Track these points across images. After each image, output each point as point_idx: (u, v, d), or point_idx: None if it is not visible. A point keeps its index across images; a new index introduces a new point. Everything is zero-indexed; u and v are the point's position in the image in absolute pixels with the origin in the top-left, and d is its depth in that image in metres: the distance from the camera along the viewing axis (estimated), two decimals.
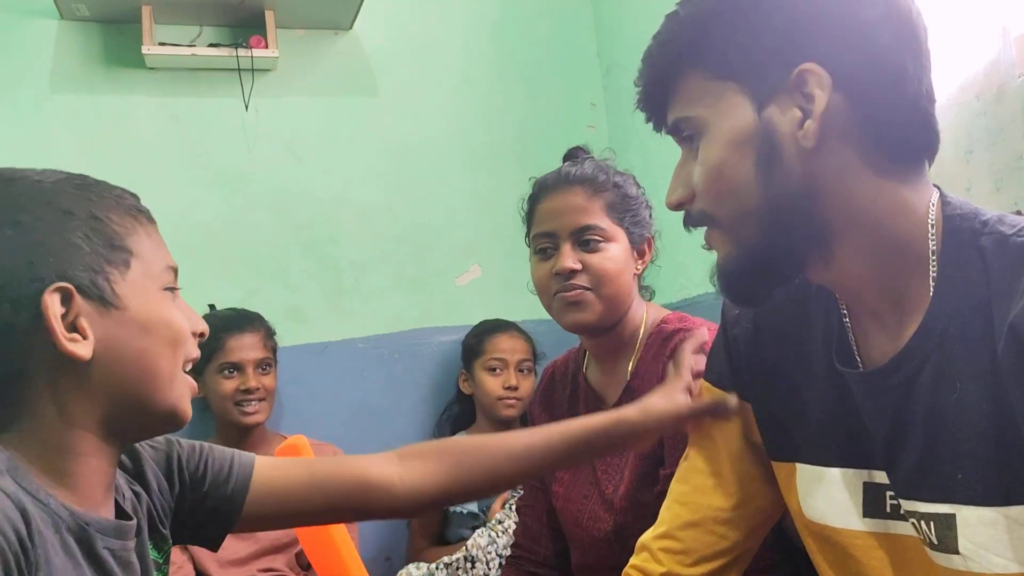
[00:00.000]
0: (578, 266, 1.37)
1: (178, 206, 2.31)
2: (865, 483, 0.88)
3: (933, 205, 0.81)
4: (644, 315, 1.45)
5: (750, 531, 1.04)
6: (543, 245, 1.43)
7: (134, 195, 0.92)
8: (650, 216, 1.48)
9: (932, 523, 0.79)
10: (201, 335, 0.91)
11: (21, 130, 2.23)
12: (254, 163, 2.41)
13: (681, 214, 0.93)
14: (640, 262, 1.45)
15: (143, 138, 2.33)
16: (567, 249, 1.38)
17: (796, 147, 0.79)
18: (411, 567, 1.88)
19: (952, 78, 1.43)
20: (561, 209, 1.40)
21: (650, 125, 0.95)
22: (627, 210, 1.41)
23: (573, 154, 1.52)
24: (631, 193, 1.43)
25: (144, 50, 2.25)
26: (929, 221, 0.80)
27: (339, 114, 2.52)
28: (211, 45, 2.36)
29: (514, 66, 2.71)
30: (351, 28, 2.54)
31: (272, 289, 2.37)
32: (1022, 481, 0.73)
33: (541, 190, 1.45)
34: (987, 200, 1.37)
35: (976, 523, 0.75)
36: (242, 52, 2.34)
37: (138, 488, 0.92)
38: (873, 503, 0.88)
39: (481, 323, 2.37)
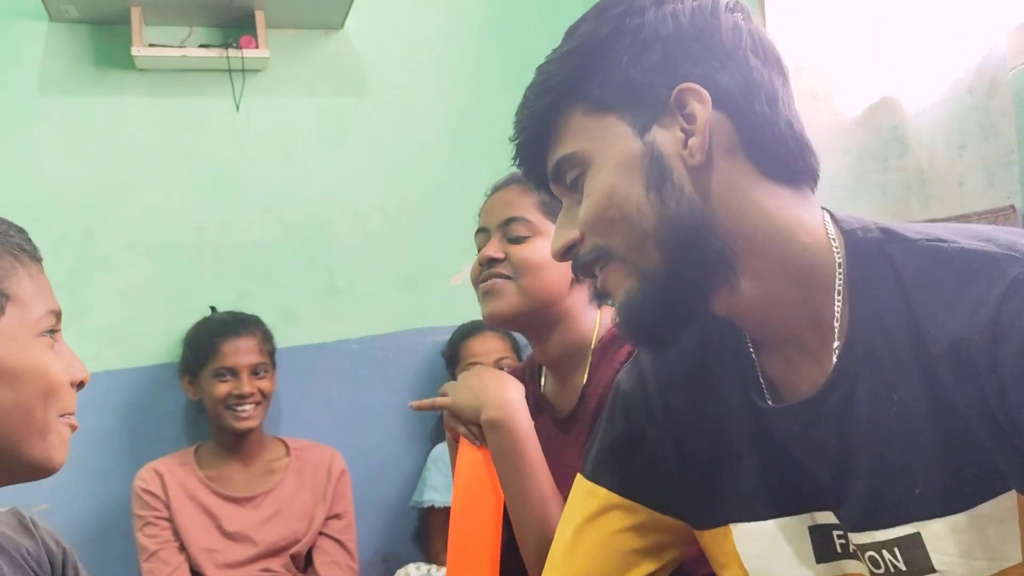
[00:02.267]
0: (499, 255, 1.33)
1: (169, 207, 2.31)
2: (810, 527, 0.85)
3: (827, 223, 0.81)
4: (596, 321, 1.39)
5: None
6: (478, 243, 1.40)
7: (21, 230, 0.87)
8: None
9: (896, 548, 0.76)
10: (80, 384, 0.87)
11: (10, 133, 2.22)
12: (245, 164, 2.40)
13: None
14: None
15: (134, 140, 2.32)
16: (493, 240, 1.35)
17: (683, 165, 0.78)
18: (410, 567, 1.88)
19: (944, 73, 1.43)
20: (493, 205, 1.38)
21: None
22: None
23: None
24: None
25: (134, 51, 2.24)
26: (829, 236, 0.79)
27: (330, 114, 2.51)
28: (201, 46, 2.35)
29: (505, 65, 2.70)
30: (342, 27, 2.53)
31: (264, 290, 2.36)
32: (982, 477, 0.72)
33: (486, 197, 1.43)
34: (980, 195, 1.37)
35: (947, 534, 0.74)
36: (232, 52, 2.33)
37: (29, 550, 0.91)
38: (823, 546, 0.85)
39: (456, 330, 2.36)
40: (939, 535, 0.74)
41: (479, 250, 1.40)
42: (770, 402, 0.85)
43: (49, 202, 2.21)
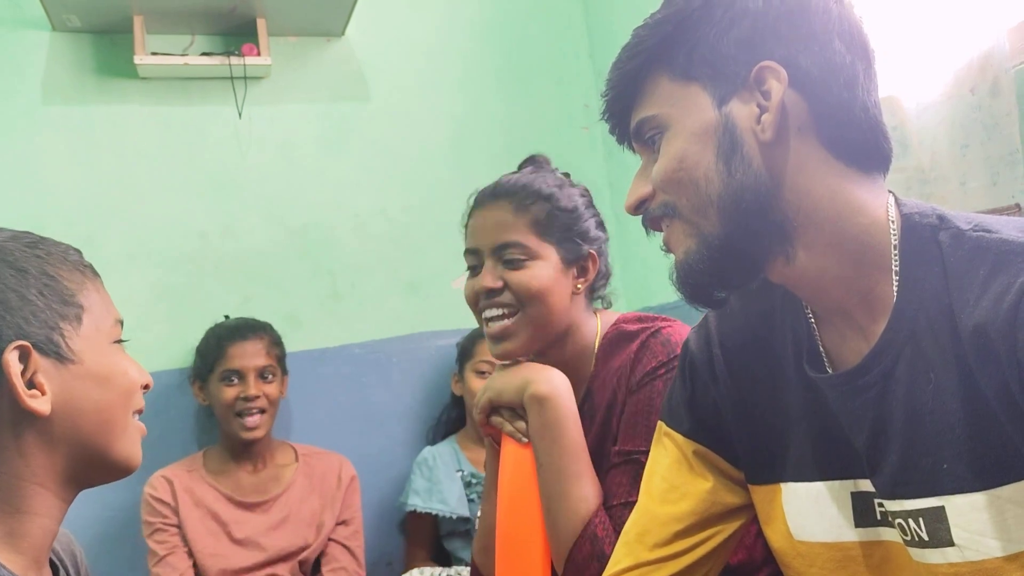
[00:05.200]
0: (498, 284, 1.32)
1: (172, 214, 2.32)
2: (852, 493, 0.89)
3: (890, 205, 0.84)
4: (597, 326, 1.40)
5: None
6: (470, 263, 1.40)
7: (77, 251, 0.94)
8: (597, 227, 1.40)
9: (921, 519, 0.80)
10: (146, 387, 0.94)
11: (14, 141, 2.22)
12: (248, 170, 2.41)
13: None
14: (581, 279, 1.37)
15: (136, 148, 2.32)
16: (488, 266, 1.34)
17: (755, 140, 0.83)
18: (414, 572, 1.88)
19: (946, 72, 1.43)
20: (484, 225, 1.36)
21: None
22: (557, 225, 1.34)
23: (530, 160, 1.48)
24: (565, 206, 1.35)
25: (136, 60, 2.24)
26: (889, 219, 0.83)
27: (332, 120, 2.52)
28: (203, 54, 2.36)
29: (507, 69, 2.71)
30: (343, 34, 2.54)
31: (267, 295, 2.37)
32: (1004, 460, 0.74)
33: (472, 205, 1.41)
34: (983, 194, 1.37)
35: (968, 510, 0.76)
36: (234, 60, 2.34)
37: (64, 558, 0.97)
38: (863, 512, 0.88)
39: (478, 327, 2.36)
40: (960, 510, 0.77)
41: (470, 269, 1.40)
42: (829, 370, 0.89)
43: (52, 210, 2.21)
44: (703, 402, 1.02)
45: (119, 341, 0.93)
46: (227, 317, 2.25)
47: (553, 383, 1.28)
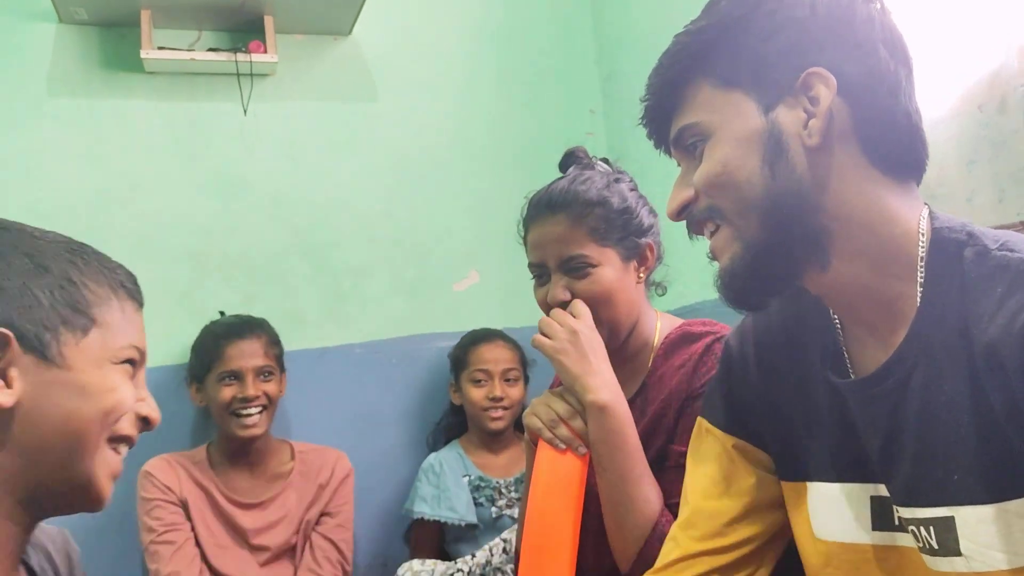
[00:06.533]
0: (567, 296, 1.37)
1: (176, 210, 2.31)
2: (872, 497, 0.90)
3: (923, 218, 0.85)
4: (657, 323, 1.45)
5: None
6: (536, 272, 1.44)
7: (130, 274, 0.94)
8: (649, 214, 1.45)
9: (932, 528, 0.81)
10: (147, 421, 0.91)
11: (19, 133, 2.21)
12: (253, 168, 2.40)
13: (679, 227, 0.95)
14: (642, 269, 1.43)
15: (142, 142, 2.32)
16: (556, 280, 1.39)
17: (800, 145, 0.84)
18: (414, 562, 1.87)
19: (955, 88, 1.43)
20: (545, 240, 1.40)
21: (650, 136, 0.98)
22: (614, 228, 1.38)
23: (570, 157, 1.51)
24: (618, 206, 1.39)
25: (143, 54, 2.24)
26: (920, 231, 0.84)
27: (338, 119, 2.51)
28: (210, 50, 2.35)
29: (514, 72, 2.70)
30: (350, 33, 2.54)
31: (270, 294, 2.36)
32: (1013, 475, 0.75)
33: (529, 217, 1.45)
34: (990, 211, 1.37)
35: (976, 522, 0.77)
36: (241, 57, 2.34)
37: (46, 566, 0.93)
38: (882, 517, 0.89)
39: (468, 334, 2.36)
40: (968, 522, 0.78)
41: (537, 279, 1.44)
42: (851, 376, 0.91)
43: (55, 203, 2.20)
44: (739, 398, 1.05)
45: (130, 362, 0.89)
46: (222, 313, 2.24)
47: (612, 388, 1.30)
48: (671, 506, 1.25)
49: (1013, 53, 1.36)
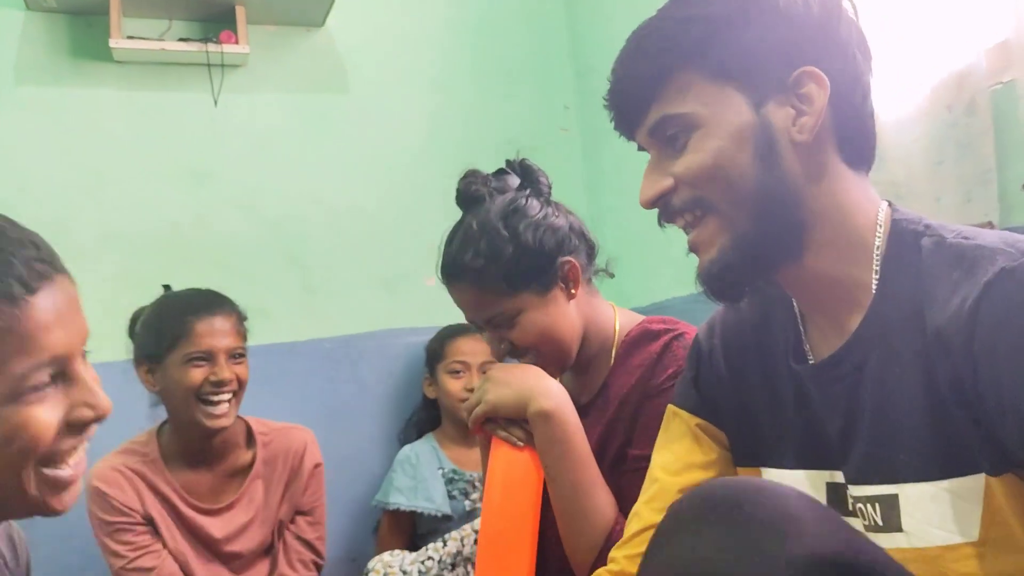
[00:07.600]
0: (504, 345, 1.38)
1: (144, 201, 2.29)
2: (827, 483, 0.93)
3: (882, 210, 0.89)
4: (615, 320, 1.42)
5: None
6: (470, 323, 1.45)
7: (32, 250, 0.79)
8: (558, 228, 1.37)
9: (877, 505, 0.84)
10: (95, 419, 0.83)
11: None
12: (222, 159, 2.38)
13: (651, 225, 0.95)
14: (571, 284, 1.37)
15: (110, 132, 2.29)
16: (487, 337, 1.40)
17: (788, 141, 0.86)
18: (384, 555, 1.85)
19: (923, 89, 1.44)
20: (462, 305, 1.40)
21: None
22: (518, 275, 1.32)
23: (461, 196, 1.47)
24: (513, 253, 1.32)
25: (112, 43, 2.22)
26: (878, 222, 0.87)
27: (309, 111, 2.50)
28: (180, 39, 2.33)
29: (488, 67, 2.70)
30: (323, 24, 2.52)
31: (238, 287, 2.32)
32: (956, 456, 0.78)
33: (441, 279, 1.43)
34: (956, 212, 1.38)
35: (917, 499, 0.80)
36: (212, 47, 2.32)
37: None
38: (836, 503, 0.91)
39: (445, 327, 2.36)
40: (911, 499, 0.81)
41: (478, 330, 1.43)
42: (810, 362, 0.94)
43: (22, 193, 2.17)
44: (706, 383, 1.08)
45: (57, 376, 0.80)
46: (167, 287, 2.02)
47: (556, 397, 1.29)
48: (628, 512, 1.22)
49: (983, 55, 1.37)
